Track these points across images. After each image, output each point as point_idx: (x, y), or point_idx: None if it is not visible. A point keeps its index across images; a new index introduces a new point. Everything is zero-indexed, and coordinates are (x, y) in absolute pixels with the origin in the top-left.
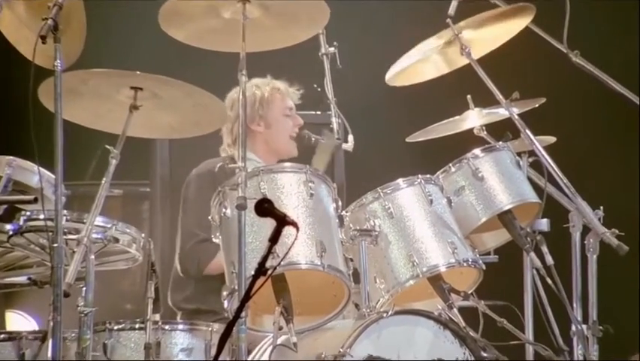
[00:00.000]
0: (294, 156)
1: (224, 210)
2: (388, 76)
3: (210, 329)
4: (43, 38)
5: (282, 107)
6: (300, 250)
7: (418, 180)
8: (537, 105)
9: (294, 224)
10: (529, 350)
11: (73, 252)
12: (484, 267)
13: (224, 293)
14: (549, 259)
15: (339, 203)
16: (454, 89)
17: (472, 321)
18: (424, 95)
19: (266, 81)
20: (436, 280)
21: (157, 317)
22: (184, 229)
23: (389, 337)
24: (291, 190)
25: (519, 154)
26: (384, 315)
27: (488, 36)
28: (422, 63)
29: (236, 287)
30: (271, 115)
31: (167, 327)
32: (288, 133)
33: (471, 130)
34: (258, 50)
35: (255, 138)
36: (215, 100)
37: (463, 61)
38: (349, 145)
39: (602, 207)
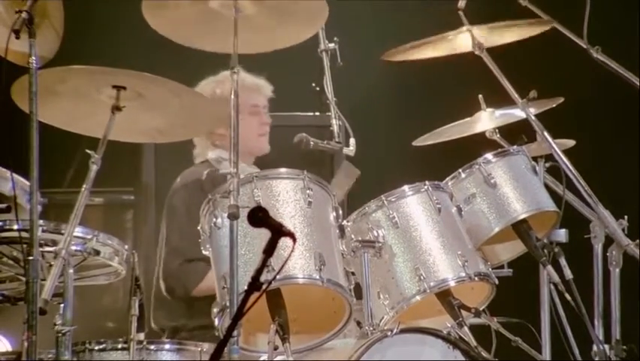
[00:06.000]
0: (266, 153)
1: (214, 219)
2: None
3: (200, 349)
4: (17, 33)
5: (245, 105)
6: (297, 262)
7: (425, 187)
8: (555, 105)
9: (291, 235)
10: None
11: (50, 265)
12: (497, 281)
13: (215, 310)
14: (568, 273)
15: (340, 212)
16: (465, 88)
17: (485, 340)
18: (432, 95)
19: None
20: (444, 296)
21: (141, 336)
22: (169, 244)
23: (394, 357)
24: (287, 198)
25: (535, 159)
26: (389, 334)
27: (497, 34)
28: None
29: (228, 304)
30: None
31: (152, 347)
32: (255, 132)
33: (483, 133)
34: (251, 51)
35: (224, 139)
36: (206, 100)
37: (468, 47)
38: (351, 149)
39: (626, 217)
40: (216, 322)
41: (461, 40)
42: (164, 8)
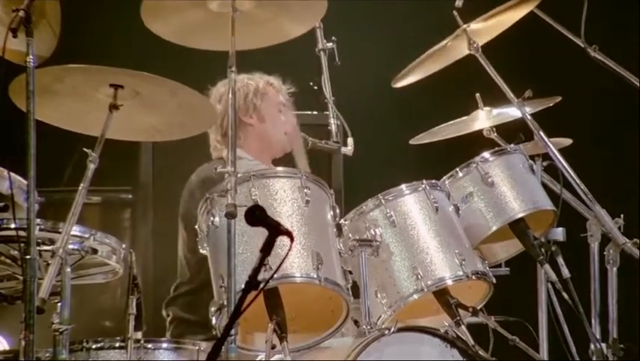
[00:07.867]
0: (287, 152)
1: (212, 218)
2: (395, 84)
3: (197, 348)
4: (14, 31)
5: (276, 101)
6: (294, 261)
7: (423, 186)
8: (552, 104)
9: (289, 233)
10: None
11: (48, 264)
12: (494, 280)
13: (213, 309)
14: (565, 272)
15: (337, 211)
16: (462, 88)
17: (482, 339)
18: (429, 95)
19: (257, 75)
20: (442, 295)
21: (139, 335)
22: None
23: (391, 356)
24: (284, 197)
25: (532, 158)
26: (386, 332)
27: (492, 24)
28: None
29: (225, 302)
30: (265, 108)
31: (150, 346)
32: (283, 129)
33: (480, 132)
34: (248, 47)
35: (247, 132)
36: (203, 99)
37: (466, 51)
38: (349, 149)
39: (622, 216)
40: (214, 321)
41: (459, 45)
42: (163, 10)
